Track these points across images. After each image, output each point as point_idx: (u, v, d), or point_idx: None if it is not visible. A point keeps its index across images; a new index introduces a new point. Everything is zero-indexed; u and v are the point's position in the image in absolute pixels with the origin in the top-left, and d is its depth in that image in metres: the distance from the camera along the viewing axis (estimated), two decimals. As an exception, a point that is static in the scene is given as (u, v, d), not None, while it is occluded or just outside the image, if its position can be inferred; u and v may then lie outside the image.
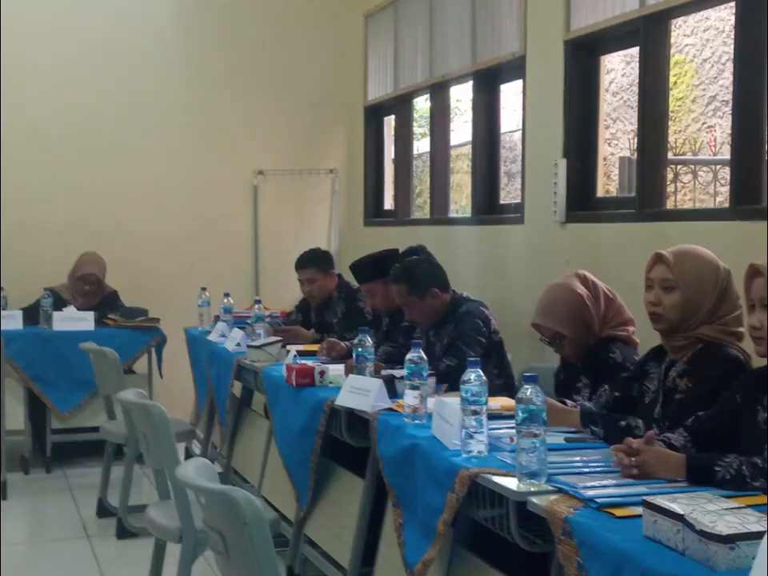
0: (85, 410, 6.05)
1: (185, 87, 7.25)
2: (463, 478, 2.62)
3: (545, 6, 5.00)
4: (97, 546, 4.73)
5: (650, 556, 1.94)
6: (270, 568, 2.20)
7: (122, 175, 7.09)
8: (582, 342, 3.40)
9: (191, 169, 7.27)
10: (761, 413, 2.52)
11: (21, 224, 6.81)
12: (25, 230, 6.82)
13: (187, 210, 7.26)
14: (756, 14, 3.80)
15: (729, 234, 3.71)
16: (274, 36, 7.37)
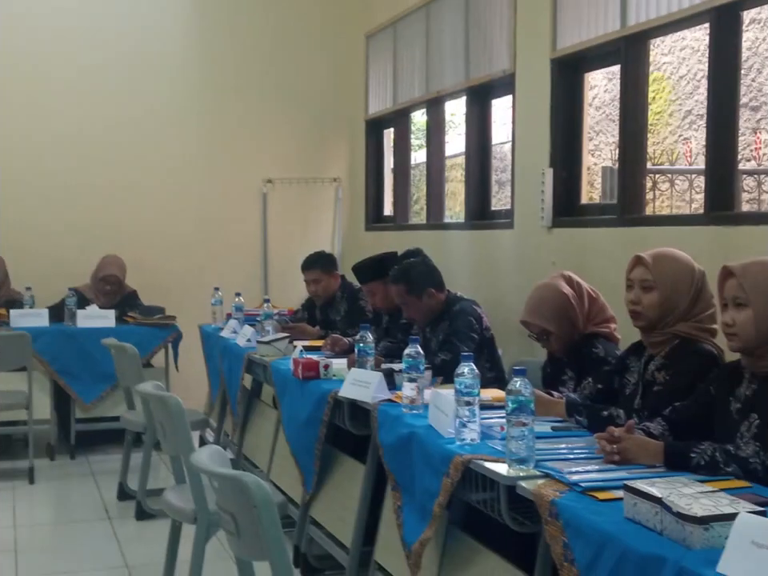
0: (106, 401, 6.05)
1: (199, 102, 7.25)
2: (457, 463, 2.63)
3: (533, 27, 5.00)
4: (117, 526, 4.73)
5: (631, 536, 1.94)
6: (278, 547, 2.20)
7: (141, 183, 7.10)
8: (567, 338, 3.40)
9: (205, 177, 7.27)
10: (733, 403, 2.53)
11: (46, 229, 6.83)
12: (50, 234, 6.83)
13: (201, 216, 7.26)
14: (728, 35, 3.80)
15: (703, 238, 3.71)
16: (282, 54, 7.37)
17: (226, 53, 7.28)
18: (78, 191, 6.94)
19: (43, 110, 6.85)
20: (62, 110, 6.89)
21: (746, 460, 2.28)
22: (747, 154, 7.96)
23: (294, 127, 7.47)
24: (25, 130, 6.82)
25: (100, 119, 6.98)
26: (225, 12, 7.25)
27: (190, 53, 7.24)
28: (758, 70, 7.83)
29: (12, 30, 6.76)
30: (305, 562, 4.01)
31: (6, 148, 6.78)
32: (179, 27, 7.20)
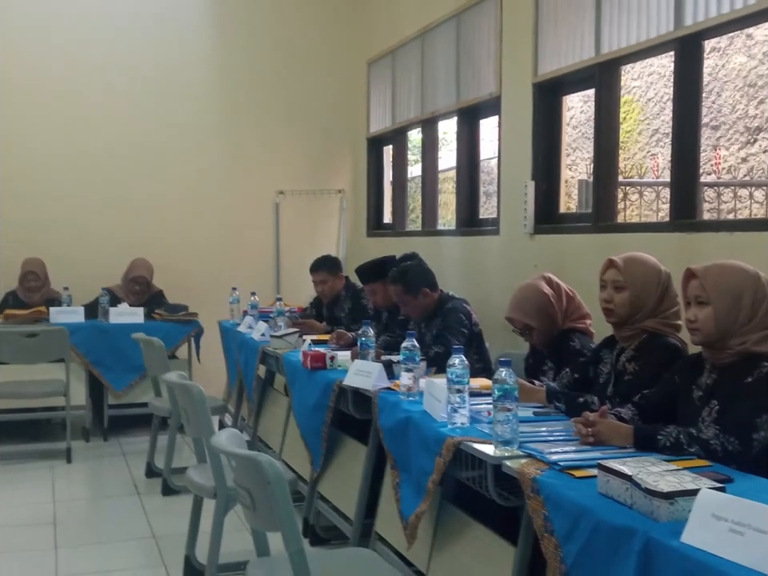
0: (135, 389, 6.05)
1: (218, 122, 7.25)
2: (449, 445, 2.63)
3: (516, 55, 5.00)
4: (145, 501, 4.73)
5: (604, 510, 1.95)
6: (289, 519, 2.20)
7: (167, 194, 7.10)
8: (547, 332, 3.40)
9: (223, 188, 7.28)
10: (695, 391, 2.53)
11: (82, 235, 6.84)
12: (86, 240, 6.84)
13: (220, 223, 7.26)
14: (691, 62, 3.81)
15: (669, 243, 3.71)
16: (293, 79, 7.38)
17: (243, 79, 7.28)
18: (111, 202, 6.94)
19: (79, 130, 6.85)
20: (97, 130, 6.90)
21: (707, 442, 2.29)
22: (708, 168, 7.96)
23: (304, 144, 7.47)
24: (65, 148, 6.83)
25: (131, 138, 6.98)
26: (242, 42, 7.26)
27: (212, 79, 7.24)
28: (717, 93, 7.84)
29: (56, 62, 6.78)
30: (313, 532, 4.00)
31: (48, 165, 6.80)
32: (202, 57, 7.19)
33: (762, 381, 2.33)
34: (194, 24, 7.16)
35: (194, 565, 3.61)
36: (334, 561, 2.64)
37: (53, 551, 3.96)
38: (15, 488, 5.00)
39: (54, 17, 6.77)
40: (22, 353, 5.57)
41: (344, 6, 7.47)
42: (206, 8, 7.21)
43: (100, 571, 3.75)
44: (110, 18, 6.90)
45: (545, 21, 4.74)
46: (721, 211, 7.65)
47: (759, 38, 7.20)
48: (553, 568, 2.10)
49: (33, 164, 6.77)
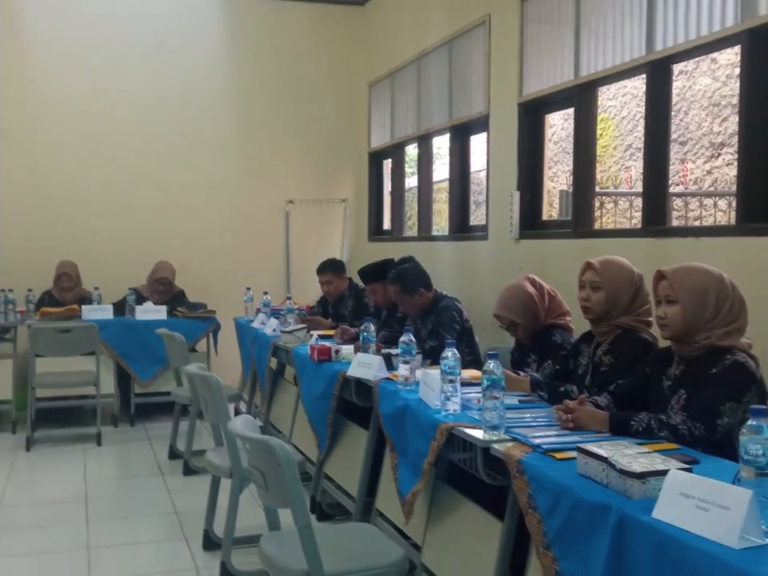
0: (159, 379, 6.04)
1: (234, 137, 7.25)
2: (442, 429, 2.63)
3: (503, 77, 5.00)
4: (168, 480, 4.73)
5: (582, 488, 1.95)
6: (298, 497, 2.20)
7: (187, 203, 7.10)
8: (531, 328, 3.40)
9: (239, 198, 7.27)
10: (665, 381, 2.53)
11: (111, 240, 6.85)
12: (114, 244, 6.85)
13: (236, 229, 7.26)
14: (661, 83, 3.81)
15: (641, 247, 3.71)
16: (302, 99, 7.38)
17: (257, 99, 7.28)
18: (137, 210, 6.94)
19: (108, 144, 6.85)
20: (124, 144, 6.90)
21: (676, 427, 2.29)
22: (676, 179, 7.96)
23: (311, 158, 7.47)
24: (95, 161, 6.83)
25: (155, 152, 6.99)
26: (256, 66, 7.25)
27: (229, 99, 7.23)
28: (685, 111, 7.84)
29: (88, 81, 6.78)
30: (319, 509, 4.01)
31: (80, 176, 6.80)
32: (220, 80, 7.19)
33: (725, 372, 2.34)
34: (213, 50, 7.16)
35: (211, 538, 3.61)
36: (339, 534, 2.64)
37: (84, 525, 3.97)
38: (51, 468, 5.01)
39: (87, 41, 6.77)
40: (57, 346, 5.58)
41: (347, 34, 7.47)
42: (224, 35, 7.20)
43: (127, 543, 3.75)
44: (137, 43, 6.90)
45: (529, 46, 4.75)
46: (688, 218, 7.64)
47: (723, 62, 7.20)
48: (536, 541, 2.10)
49: (66, 175, 6.77)
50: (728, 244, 3.27)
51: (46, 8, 6.66)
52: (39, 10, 6.64)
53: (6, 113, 6.62)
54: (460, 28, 5.55)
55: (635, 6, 3.84)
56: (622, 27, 3.94)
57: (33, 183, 6.71)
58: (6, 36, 6.60)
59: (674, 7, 3.59)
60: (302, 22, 7.34)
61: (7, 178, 6.64)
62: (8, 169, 6.65)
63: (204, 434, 5.46)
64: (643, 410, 2.42)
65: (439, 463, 2.81)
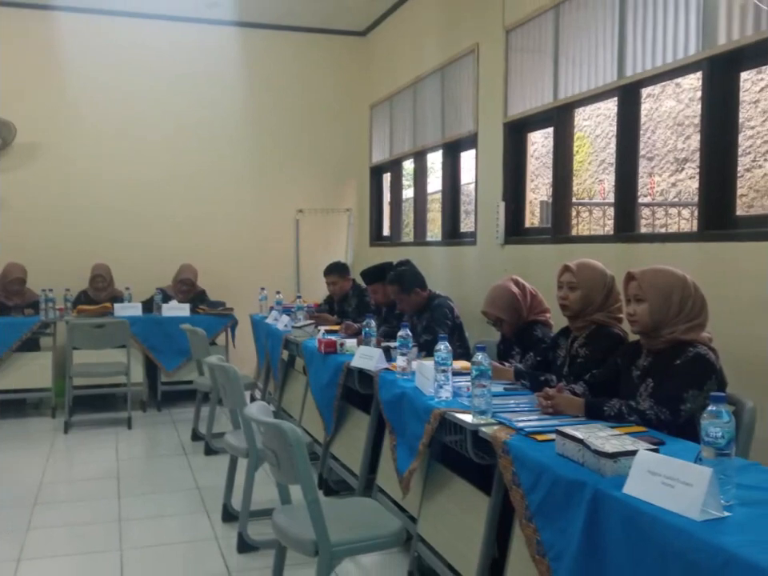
0: (183, 369, 6.04)
1: (250, 155, 7.23)
2: (436, 414, 2.63)
3: (490, 100, 5.00)
4: (191, 459, 4.73)
5: (561, 466, 1.95)
6: (306, 475, 2.20)
7: (208, 212, 7.09)
8: (515, 323, 3.40)
9: (254, 209, 7.26)
10: (634, 371, 2.53)
11: (141, 245, 6.85)
12: (143, 249, 6.84)
13: (251, 236, 7.25)
14: (631, 105, 3.82)
15: (613, 251, 3.71)
16: (311, 120, 7.37)
17: (270, 119, 7.27)
18: (164, 220, 6.94)
19: (140, 163, 6.85)
20: (154, 164, 6.90)
21: (644, 412, 2.29)
22: (644, 191, 7.95)
23: (318, 172, 7.46)
24: (129, 177, 6.82)
25: (180, 169, 6.98)
26: (269, 90, 7.24)
27: (245, 121, 7.22)
28: (652, 130, 7.83)
29: (123, 110, 6.78)
30: (326, 485, 4.01)
31: (114, 190, 6.79)
32: (238, 105, 7.17)
33: (688, 363, 2.34)
34: (231, 76, 7.14)
35: (230, 511, 3.61)
36: (343, 508, 2.64)
37: (116, 499, 3.97)
38: (86, 449, 5.01)
39: (119, 69, 6.76)
40: (92, 340, 5.58)
41: (351, 61, 7.46)
42: (241, 63, 7.17)
43: (154, 516, 3.75)
44: (163, 71, 6.89)
45: (512, 73, 4.75)
46: (655, 226, 7.63)
47: (686, 86, 7.20)
48: (519, 514, 2.10)
49: (101, 189, 6.76)
50: (690, 249, 3.27)
51: (83, 39, 6.65)
52: (77, 41, 6.63)
53: (48, 134, 6.63)
54: (451, 56, 5.55)
55: (608, 36, 3.84)
56: (595, 55, 3.94)
57: (71, 195, 6.71)
58: (48, 65, 6.60)
59: (642, 37, 3.59)
60: (310, 51, 7.33)
61: (48, 190, 6.66)
62: (49, 183, 6.66)
63: (223, 419, 5.46)
64: (615, 396, 2.43)
65: (433, 444, 2.82)
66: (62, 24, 6.60)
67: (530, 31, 4.54)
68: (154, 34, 6.85)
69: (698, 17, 3.24)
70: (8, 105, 6.49)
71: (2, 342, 5.63)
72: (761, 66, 3.40)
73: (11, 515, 3.72)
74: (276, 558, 2.57)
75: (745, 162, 6.49)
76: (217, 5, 6.57)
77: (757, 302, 2.91)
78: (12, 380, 5.71)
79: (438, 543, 2.77)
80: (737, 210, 3.22)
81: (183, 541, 3.43)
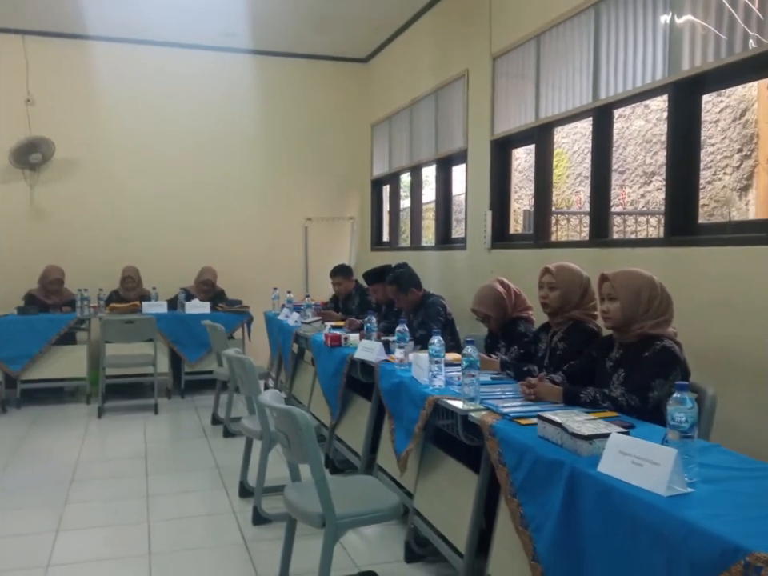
0: (204, 360, 6.03)
1: (264, 169, 7.23)
2: (430, 401, 2.63)
3: (478, 120, 5.00)
4: (211, 441, 4.73)
5: (542, 447, 1.95)
6: (314, 455, 2.20)
7: (225, 220, 7.09)
8: (501, 320, 3.40)
9: (268, 217, 7.26)
10: (607, 362, 2.53)
11: (166, 250, 6.85)
12: (169, 253, 6.85)
13: (265, 241, 7.25)
14: (605, 125, 3.82)
15: (588, 255, 3.71)
16: (318, 138, 7.36)
17: (282, 137, 7.26)
18: (187, 227, 6.94)
19: (162, 174, 6.86)
20: (177, 176, 6.90)
21: (616, 399, 2.29)
22: (616, 201, 7.94)
23: (325, 184, 7.46)
24: (155, 189, 6.83)
25: (200, 182, 6.98)
26: (281, 111, 7.24)
27: (259, 140, 7.21)
28: (623, 147, 7.83)
29: (149, 130, 6.79)
30: (332, 464, 4.01)
31: (142, 201, 6.80)
32: (252, 124, 7.16)
33: (655, 355, 2.34)
34: (246, 100, 7.13)
35: (245, 487, 3.61)
36: (347, 485, 2.64)
37: (144, 477, 3.97)
38: (118, 432, 5.01)
39: (148, 94, 6.76)
40: (123, 335, 5.58)
41: (354, 85, 7.45)
42: (255, 87, 7.17)
43: (178, 491, 3.75)
44: (186, 95, 6.89)
45: (498, 95, 4.75)
46: (626, 232, 7.62)
47: (653, 108, 7.19)
48: (505, 490, 2.10)
49: (131, 200, 6.77)
50: (657, 253, 3.27)
51: (114, 65, 6.65)
52: (109, 67, 6.63)
53: (83, 151, 6.64)
54: (444, 80, 5.55)
55: (584, 63, 3.84)
56: (572, 80, 3.94)
57: (104, 205, 6.71)
58: (83, 89, 6.60)
59: (614, 63, 3.60)
60: (317, 76, 7.33)
61: (84, 201, 6.66)
62: (84, 194, 6.66)
63: (239, 405, 5.47)
64: (590, 385, 2.43)
65: (427, 428, 2.82)
66: (96, 52, 6.60)
67: (514, 58, 4.54)
68: (176, 60, 6.84)
69: (664, 45, 3.25)
70: (48, 124, 6.50)
71: (42, 337, 5.64)
72: (720, 89, 3.40)
73: (51, 491, 3.72)
74: (287, 530, 2.58)
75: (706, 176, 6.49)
76: (233, 34, 6.57)
77: (716, 301, 2.91)
78: (51, 370, 5.71)
79: (432, 516, 2.77)
80: (699, 219, 3.23)
81: (204, 514, 3.43)
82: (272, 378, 5.90)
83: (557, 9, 4.03)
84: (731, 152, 6.58)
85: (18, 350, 5.57)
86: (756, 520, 1.42)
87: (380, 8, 5.91)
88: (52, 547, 3.02)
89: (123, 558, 2.92)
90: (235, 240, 7.12)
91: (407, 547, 2.89)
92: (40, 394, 5.88)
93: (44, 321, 5.69)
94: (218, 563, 2.88)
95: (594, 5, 3.73)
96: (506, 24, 4.62)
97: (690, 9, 3.09)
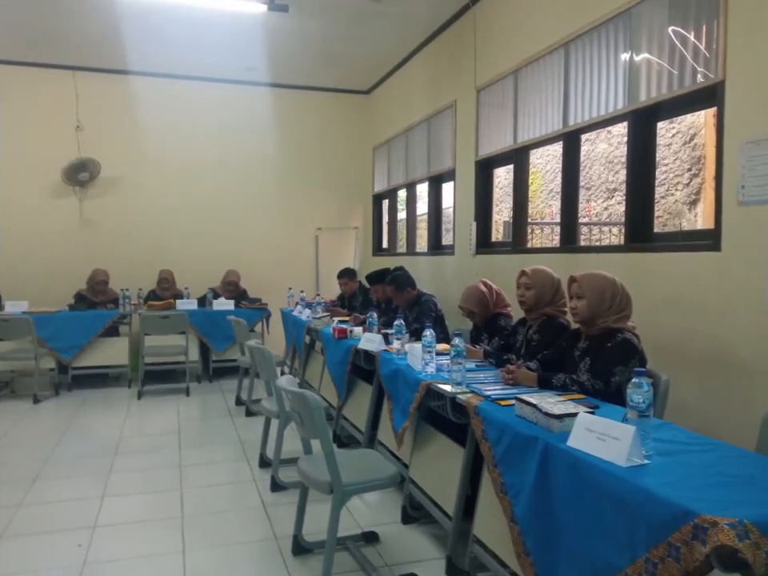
0: (229, 350, 6.02)
1: (279, 186, 7.22)
2: (423, 385, 2.63)
3: (465, 144, 5.00)
4: (235, 420, 4.72)
5: (519, 425, 1.95)
6: (324, 431, 2.20)
7: (247, 229, 7.08)
8: (484, 315, 3.40)
9: (283, 227, 7.25)
10: (575, 352, 2.53)
11: (197, 254, 6.84)
12: (199, 257, 6.83)
13: (282, 248, 7.24)
14: (573, 147, 3.81)
15: (559, 260, 3.71)
16: (326, 159, 7.36)
17: (295, 159, 7.25)
18: (214, 235, 6.93)
19: (193, 191, 6.85)
20: (203, 192, 6.89)
21: (583, 383, 2.29)
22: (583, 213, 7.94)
23: (333, 199, 7.45)
24: (185, 202, 6.82)
25: (224, 196, 6.97)
26: (294, 135, 7.23)
27: (275, 160, 7.20)
28: (589, 167, 7.83)
29: (179, 152, 6.77)
30: (339, 439, 4.00)
31: (174, 212, 6.79)
32: (268, 147, 7.16)
33: (617, 345, 2.34)
34: (264, 125, 7.12)
35: (264, 459, 3.61)
36: (352, 457, 2.64)
37: (178, 450, 3.96)
38: (155, 411, 5.00)
39: (177, 119, 6.76)
40: (159, 328, 5.57)
41: (357, 113, 7.44)
42: (271, 115, 7.17)
43: (206, 462, 3.75)
44: (213, 125, 6.88)
45: (482, 122, 4.75)
46: (591, 240, 7.63)
47: (615, 133, 7.20)
48: (487, 462, 2.10)
49: (167, 212, 6.76)
50: (618, 258, 3.27)
51: (151, 96, 6.64)
52: (147, 97, 6.63)
53: (125, 169, 6.63)
54: (435, 109, 5.55)
55: (555, 95, 3.84)
56: (546, 109, 3.94)
57: (143, 216, 6.71)
58: (125, 116, 6.60)
59: (581, 95, 3.60)
60: (326, 106, 7.32)
61: (125, 213, 6.66)
62: (126, 207, 6.66)
63: (259, 388, 5.47)
64: (561, 371, 2.43)
65: (421, 408, 2.82)
66: (136, 85, 6.60)
67: (496, 91, 4.54)
68: (205, 92, 6.84)
69: (624, 79, 3.25)
70: (95, 147, 6.50)
71: (90, 330, 5.63)
72: (673, 117, 3.40)
73: (97, 462, 3.72)
74: (300, 496, 2.58)
75: (660, 192, 6.49)
76: (254, 69, 6.57)
77: (669, 299, 2.91)
78: (97, 359, 5.70)
79: (424, 484, 2.76)
80: (654, 228, 3.23)
81: (229, 482, 3.43)
82: (287, 365, 5.89)
83: (532, 48, 4.03)
84: (682, 171, 6.59)
85: (69, 341, 5.57)
86: (703, 488, 1.42)
87: (380, 47, 5.92)
88: (98, 510, 3.02)
89: (159, 520, 2.92)
90: (256, 247, 7.12)
91: (404, 511, 2.89)
92: (88, 379, 5.87)
93: (91, 316, 5.68)
94: (241, 524, 2.88)
95: (564, 45, 3.73)
96: (488, 61, 4.62)
97: (646, 48, 3.09)
